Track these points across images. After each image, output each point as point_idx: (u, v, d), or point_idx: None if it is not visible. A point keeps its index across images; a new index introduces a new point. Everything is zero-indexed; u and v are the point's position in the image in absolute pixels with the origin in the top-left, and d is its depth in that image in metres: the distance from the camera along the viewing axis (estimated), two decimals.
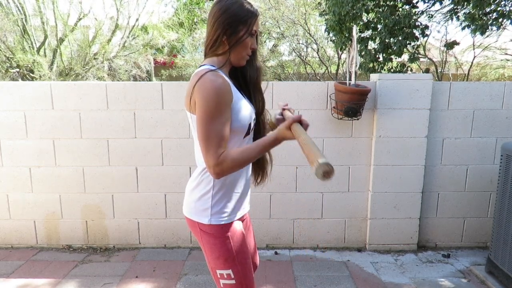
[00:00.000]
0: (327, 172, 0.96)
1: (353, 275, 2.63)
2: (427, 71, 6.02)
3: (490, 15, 4.78)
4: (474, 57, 7.14)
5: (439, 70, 6.98)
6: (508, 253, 2.35)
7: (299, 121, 1.18)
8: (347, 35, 5.69)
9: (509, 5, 4.61)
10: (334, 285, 2.49)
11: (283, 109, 1.51)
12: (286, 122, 1.18)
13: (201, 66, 1.29)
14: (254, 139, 1.39)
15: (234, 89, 1.26)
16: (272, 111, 1.47)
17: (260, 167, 1.46)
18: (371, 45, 5.63)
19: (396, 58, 5.52)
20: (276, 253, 2.96)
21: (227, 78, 1.25)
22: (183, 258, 2.88)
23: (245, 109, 1.27)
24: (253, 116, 1.33)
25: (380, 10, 5.39)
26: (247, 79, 1.36)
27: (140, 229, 3.02)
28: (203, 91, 1.17)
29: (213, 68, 1.24)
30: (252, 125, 1.32)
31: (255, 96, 1.38)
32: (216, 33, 1.24)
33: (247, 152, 1.19)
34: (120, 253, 2.96)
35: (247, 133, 1.30)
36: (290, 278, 2.58)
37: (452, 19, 5.48)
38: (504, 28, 5.28)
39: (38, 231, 3.01)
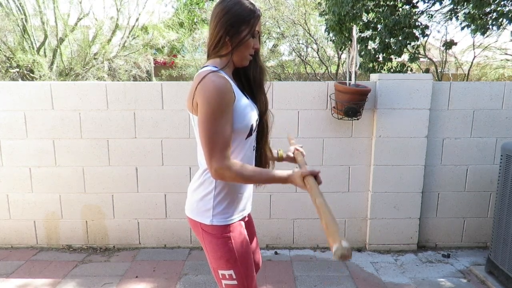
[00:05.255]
0: (345, 256, 0.92)
1: (353, 275, 2.63)
2: (427, 71, 6.02)
3: (490, 15, 4.78)
4: (474, 57, 7.14)
5: (439, 70, 6.99)
6: (508, 253, 2.35)
7: (315, 176, 1.19)
8: (347, 35, 5.69)
9: (509, 5, 4.61)
10: (334, 285, 2.49)
11: (296, 149, 1.57)
12: (303, 172, 1.19)
13: (203, 67, 1.29)
14: (257, 140, 1.40)
15: (236, 90, 1.25)
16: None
17: (262, 168, 1.45)
18: (371, 45, 5.63)
19: (396, 58, 5.52)
20: (276, 253, 2.96)
21: (229, 79, 1.24)
22: (183, 258, 2.88)
23: (247, 110, 1.27)
24: (256, 117, 1.33)
25: (380, 10, 5.39)
26: (250, 79, 1.36)
27: (140, 229, 3.02)
28: (205, 92, 1.17)
29: (215, 69, 1.24)
30: (255, 126, 1.32)
31: (258, 97, 1.38)
32: (218, 33, 1.24)
33: (255, 174, 1.22)
34: (120, 253, 2.96)
35: (249, 134, 1.30)
36: (290, 278, 2.58)
37: (452, 19, 5.49)
38: (504, 28, 5.29)
39: (38, 231, 3.01)
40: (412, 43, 5.39)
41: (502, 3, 4.60)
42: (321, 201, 1.06)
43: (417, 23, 5.22)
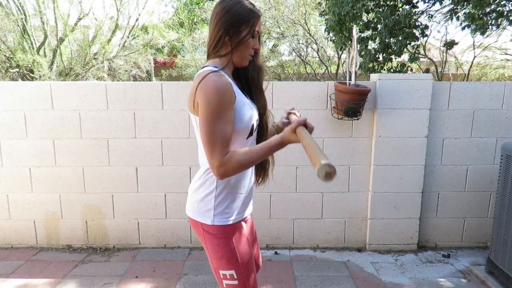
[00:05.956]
0: (329, 174, 0.96)
1: (353, 275, 2.63)
2: (427, 71, 6.02)
3: (490, 15, 4.78)
4: (474, 57, 7.14)
5: (439, 70, 6.98)
6: (508, 253, 2.35)
7: (304, 124, 1.18)
8: (347, 35, 5.70)
9: (509, 5, 4.61)
10: (334, 285, 2.49)
11: (289, 113, 1.51)
12: (292, 125, 1.18)
13: (203, 67, 1.28)
14: (257, 140, 1.39)
15: (236, 90, 1.25)
16: (272, 111, 1.47)
17: (262, 167, 1.45)
18: (371, 45, 5.63)
19: (396, 58, 5.52)
20: (276, 253, 2.96)
21: (229, 79, 1.24)
22: (183, 258, 2.88)
23: (248, 110, 1.27)
24: (256, 117, 1.33)
25: (380, 10, 5.39)
26: (249, 79, 1.36)
27: (140, 229, 3.02)
28: (205, 92, 1.17)
29: (215, 69, 1.24)
30: (255, 126, 1.32)
31: (257, 97, 1.38)
32: (218, 33, 1.24)
33: (252, 154, 1.19)
34: (120, 253, 2.96)
35: (250, 134, 1.30)
36: (290, 278, 2.58)
37: (452, 19, 5.49)
38: (504, 28, 5.29)
39: (38, 231, 3.01)
40: (412, 43, 5.39)
41: (502, 3, 4.60)
42: (308, 141, 1.08)
43: (417, 23, 5.22)
